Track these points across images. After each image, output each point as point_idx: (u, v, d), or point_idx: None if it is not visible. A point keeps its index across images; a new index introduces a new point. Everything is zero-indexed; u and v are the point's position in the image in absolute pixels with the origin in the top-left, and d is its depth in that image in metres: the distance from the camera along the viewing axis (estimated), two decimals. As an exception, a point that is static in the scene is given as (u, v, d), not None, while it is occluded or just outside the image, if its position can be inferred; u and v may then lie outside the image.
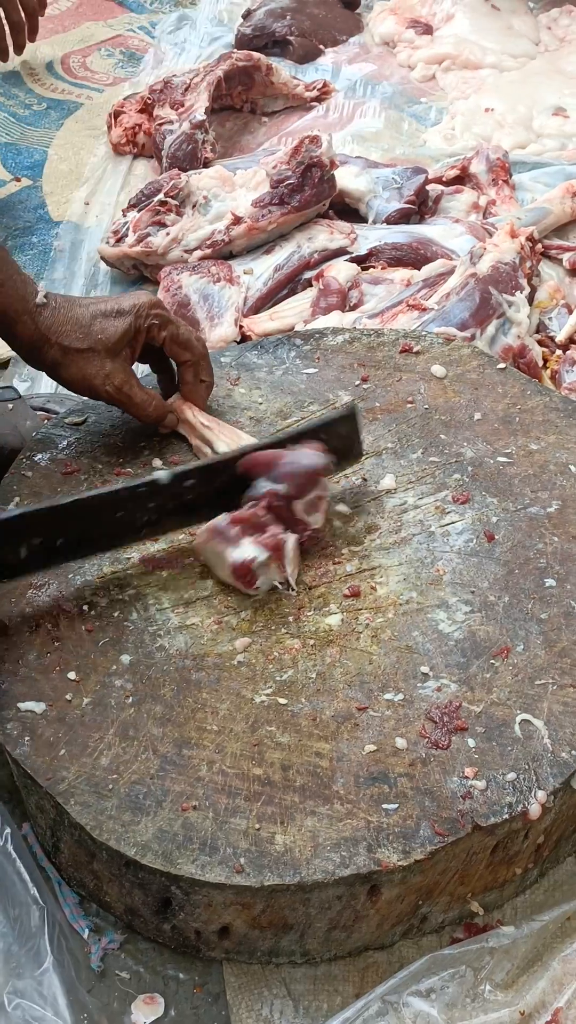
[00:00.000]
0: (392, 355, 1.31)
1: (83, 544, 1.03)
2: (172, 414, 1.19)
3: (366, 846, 0.84)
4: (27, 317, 1.11)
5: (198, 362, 1.19)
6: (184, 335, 1.17)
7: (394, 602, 1.03)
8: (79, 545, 1.03)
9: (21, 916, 0.90)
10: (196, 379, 1.19)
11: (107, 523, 1.03)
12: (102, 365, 1.13)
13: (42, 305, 1.12)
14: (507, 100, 2.05)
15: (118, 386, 1.14)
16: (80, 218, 1.82)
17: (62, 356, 1.12)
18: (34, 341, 1.12)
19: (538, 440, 1.19)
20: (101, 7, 2.46)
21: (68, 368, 1.13)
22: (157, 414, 1.17)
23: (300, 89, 2.10)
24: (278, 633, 1.00)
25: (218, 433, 1.16)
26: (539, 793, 0.88)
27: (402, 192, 1.73)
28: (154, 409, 1.17)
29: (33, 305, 1.11)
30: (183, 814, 0.86)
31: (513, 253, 1.52)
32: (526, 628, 1.00)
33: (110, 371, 1.13)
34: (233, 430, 1.17)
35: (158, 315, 1.15)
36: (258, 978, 0.90)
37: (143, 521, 1.04)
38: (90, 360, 1.13)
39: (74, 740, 0.91)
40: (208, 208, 1.67)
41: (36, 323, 1.11)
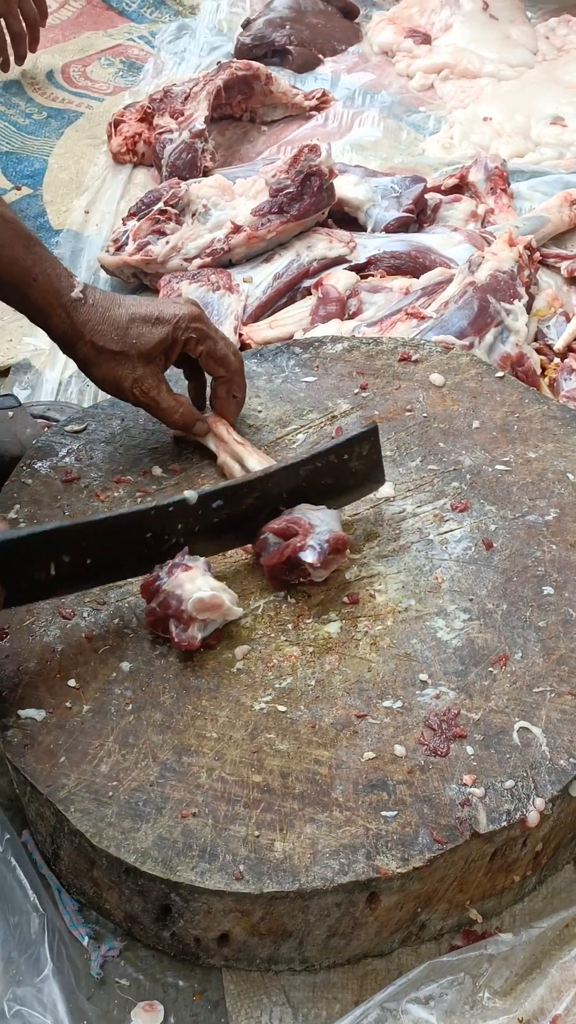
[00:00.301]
0: (391, 363, 1.32)
1: (112, 566, 1.01)
2: (202, 423, 1.18)
3: (365, 853, 0.85)
4: (61, 311, 1.10)
5: (232, 379, 1.18)
6: (221, 351, 1.16)
7: (393, 610, 1.03)
8: (108, 567, 1.01)
9: (21, 923, 0.91)
10: (228, 394, 1.19)
11: (136, 543, 1.01)
12: (133, 369, 1.12)
13: (78, 300, 1.11)
14: (505, 109, 2.05)
15: (146, 390, 1.13)
16: (80, 227, 1.83)
17: (95, 355, 1.12)
18: (68, 336, 1.11)
19: (536, 448, 1.19)
20: (101, 17, 2.47)
21: (100, 367, 1.13)
22: (184, 421, 1.17)
23: (299, 98, 2.11)
24: (277, 640, 1.01)
25: (251, 451, 1.16)
26: (537, 800, 0.88)
27: (401, 201, 1.74)
28: (180, 416, 1.16)
29: (68, 299, 1.10)
30: (183, 821, 0.87)
31: (511, 262, 1.53)
32: (524, 636, 1.00)
33: (140, 375, 1.13)
34: (260, 452, 1.17)
35: (197, 329, 1.14)
36: (257, 985, 0.90)
37: (171, 544, 1.02)
38: (122, 363, 1.12)
39: (74, 747, 0.92)
40: (208, 217, 1.67)
41: (71, 318, 1.10)
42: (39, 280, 1.10)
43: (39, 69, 2.26)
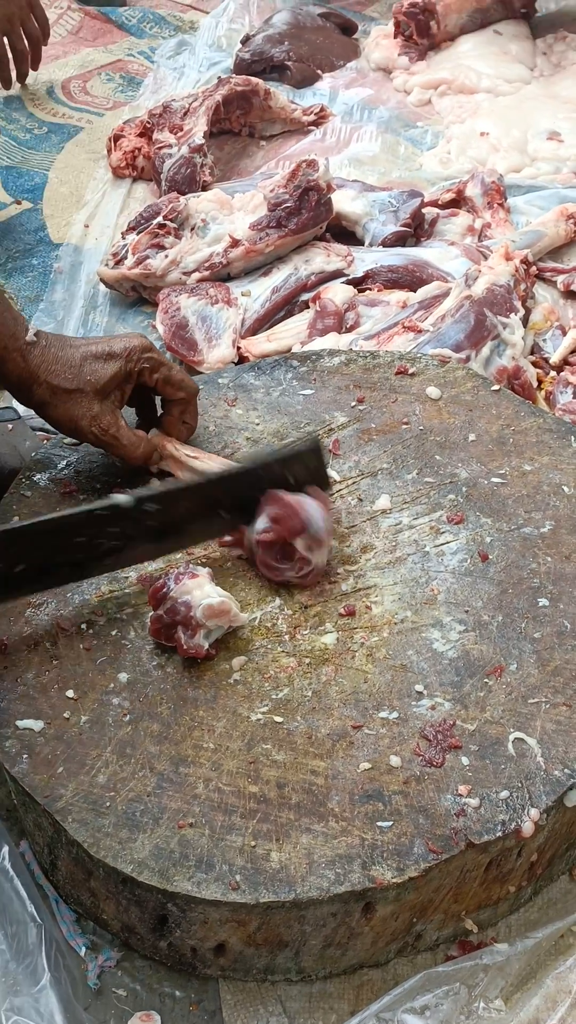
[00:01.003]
0: (388, 377, 1.33)
1: (46, 572, 1.01)
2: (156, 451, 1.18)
3: (360, 863, 0.85)
4: (16, 354, 1.11)
5: (189, 401, 1.19)
6: (177, 377, 1.17)
7: (389, 621, 1.04)
8: (42, 573, 1.01)
9: (18, 933, 0.91)
10: (180, 418, 1.19)
11: (68, 549, 1.01)
12: (89, 407, 1.13)
13: (32, 343, 1.12)
14: (502, 124, 2.07)
15: (104, 427, 1.13)
16: (80, 240, 1.84)
17: (50, 396, 1.12)
18: (23, 379, 1.12)
19: (532, 461, 1.20)
20: (101, 32, 2.49)
21: (56, 408, 1.13)
22: (144, 455, 1.17)
23: (298, 113, 2.12)
24: (274, 652, 1.01)
25: (206, 462, 1.17)
26: (532, 811, 0.88)
27: (398, 215, 1.75)
28: (142, 452, 1.16)
29: (23, 343, 1.11)
30: (179, 831, 0.87)
31: (508, 276, 1.54)
32: (519, 647, 1.01)
33: (97, 413, 1.13)
34: (218, 459, 1.17)
35: (150, 358, 1.15)
36: (254, 995, 0.90)
37: (106, 547, 1.02)
38: (78, 401, 1.12)
39: (72, 758, 0.92)
40: (206, 231, 1.69)
41: (26, 361, 1.11)
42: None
43: (40, 84, 2.27)
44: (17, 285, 1.75)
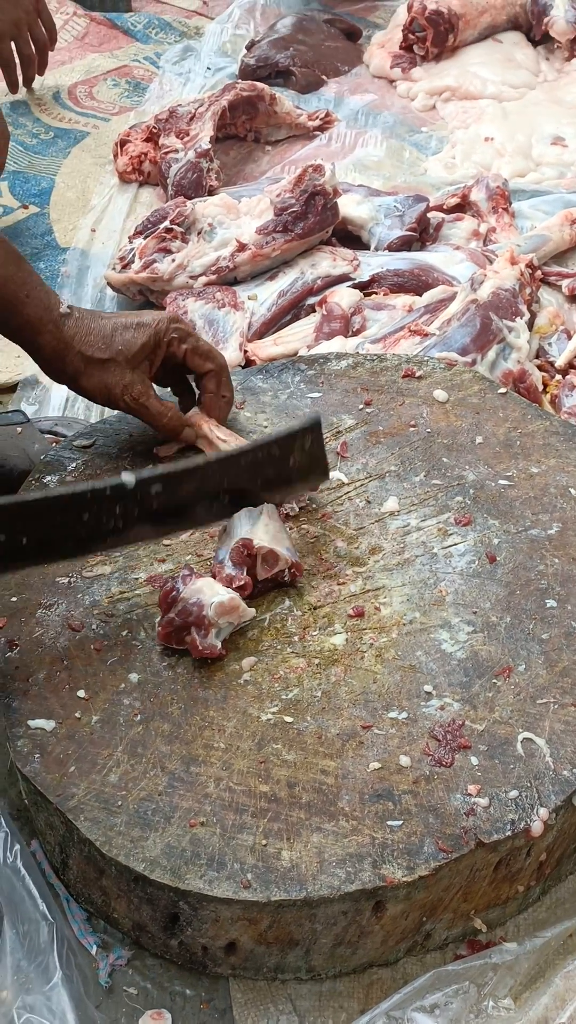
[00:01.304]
0: (395, 380, 1.33)
1: (48, 546, 1.02)
2: (190, 428, 1.21)
3: (371, 862, 0.86)
4: (51, 326, 1.14)
5: (219, 373, 1.22)
6: (204, 347, 1.21)
7: (398, 622, 1.04)
8: (44, 547, 1.01)
9: (30, 932, 0.92)
10: (218, 391, 1.22)
11: (72, 525, 1.01)
12: (122, 375, 1.16)
13: (66, 315, 1.15)
14: (507, 130, 2.08)
15: (135, 396, 1.17)
16: (87, 244, 1.85)
17: (84, 365, 1.15)
18: (57, 350, 1.15)
19: (539, 463, 1.21)
20: (107, 38, 2.50)
21: (90, 377, 1.16)
22: (173, 425, 1.20)
23: (303, 119, 2.13)
24: (284, 652, 1.02)
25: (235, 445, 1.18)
26: (541, 810, 0.89)
27: (403, 220, 1.76)
28: (169, 420, 1.20)
29: (57, 315, 1.14)
30: (191, 830, 0.88)
31: (513, 280, 1.55)
32: (527, 648, 1.02)
33: (129, 381, 1.16)
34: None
35: (178, 328, 1.19)
36: (264, 994, 0.91)
37: (109, 527, 1.03)
38: (110, 370, 1.16)
39: (83, 757, 0.93)
40: (213, 235, 1.69)
41: (60, 332, 1.14)
42: (31, 296, 1.14)
43: (46, 90, 2.28)
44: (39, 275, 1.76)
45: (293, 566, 1.06)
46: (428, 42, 2.27)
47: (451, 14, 2.26)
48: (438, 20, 2.25)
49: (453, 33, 2.27)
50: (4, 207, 1.95)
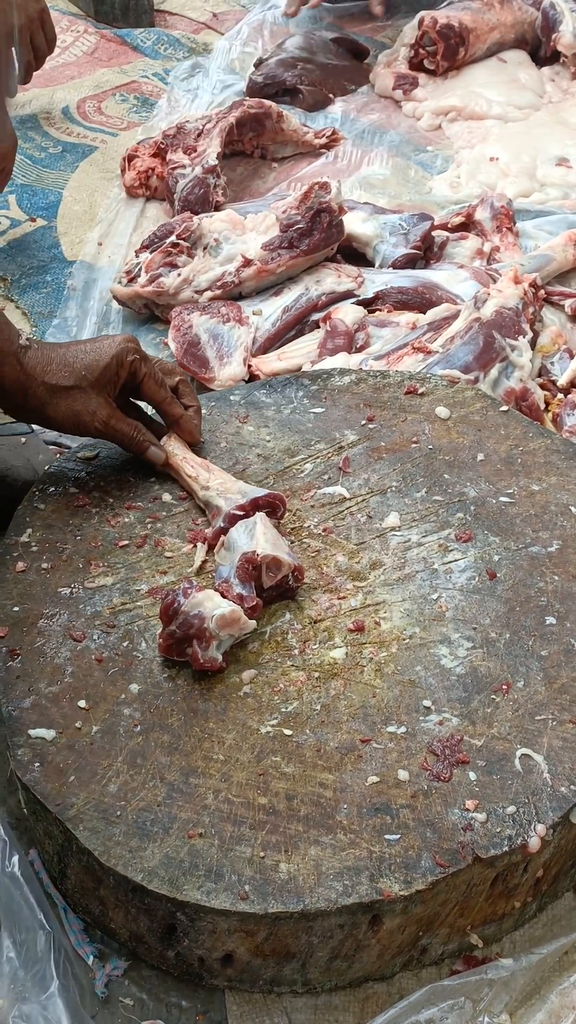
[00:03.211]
0: (397, 396, 1.34)
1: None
2: (156, 449, 1.21)
3: (368, 875, 0.86)
4: (12, 358, 1.14)
5: (181, 384, 1.24)
6: (166, 365, 1.23)
7: (397, 637, 1.05)
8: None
9: (28, 941, 0.92)
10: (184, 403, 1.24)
11: None
12: (88, 401, 1.16)
13: (25, 347, 1.15)
14: (512, 150, 2.09)
15: (105, 420, 1.17)
16: (93, 258, 1.86)
17: (49, 395, 1.15)
18: (19, 382, 1.15)
19: (540, 481, 1.21)
20: (116, 53, 2.52)
21: (56, 407, 1.16)
22: (139, 444, 1.20)
23: (309, 136, 2.15)
24: (283, 665, 1.02)
25: (208, 479, 1.18)
26: (538, 827, 0.89)
27: (408, 238, 1.77)
28: (137, 441, 1.20)
29: (17, 347, 1.14)
30: (189, 841, 0.88)
31: (516, 299, 1.55)
32: (527, 665, 1.02)
33: (96, 407, 1.17)
34: (224, 475, 1.18)
35: (137, 350, 1.20)
36: (260, 1007, 0.91)
37: None
38: (76, 397, 1.16)
39: (83, 767, 0.93)
40: (219, 250, 1.71)
41: (21, 364, 1.14)
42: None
43: (55, 104, 2.30)
44: (31, 301, 1.77)
45: (296, 570, 1.07)
46: (438, 56, 2.28)
47: (462, 28, 2.27)
48: (449, 34, 2.27)
49: (464, 47, 2.29)
50: (12, 220, 1.97)
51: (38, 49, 2.08)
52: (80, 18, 2.63)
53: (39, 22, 2.03)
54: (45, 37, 2.07)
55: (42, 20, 2.04)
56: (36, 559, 1.12)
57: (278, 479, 1.22)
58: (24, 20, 2.02)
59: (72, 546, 1.14)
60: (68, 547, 1.14)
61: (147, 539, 1.15)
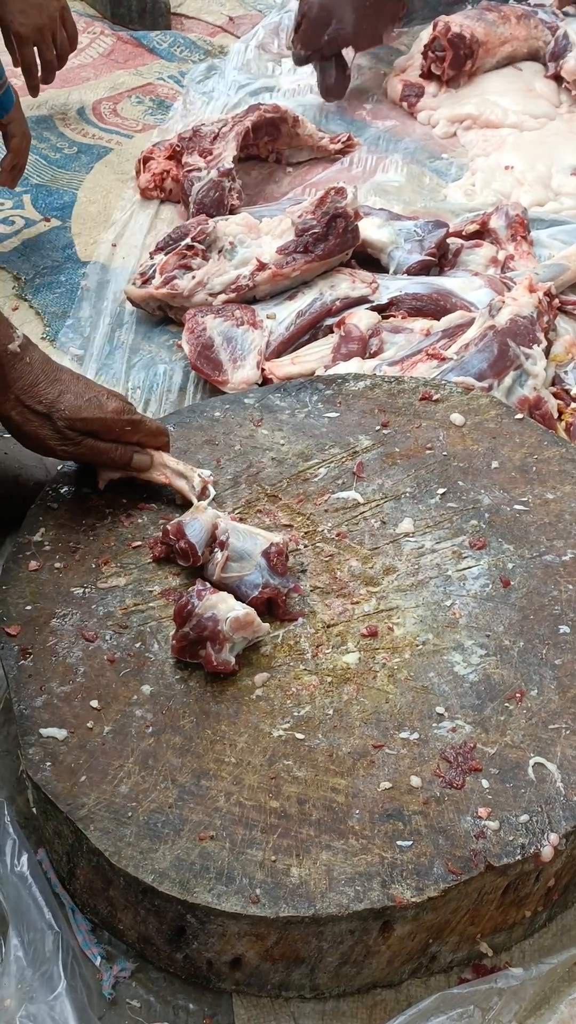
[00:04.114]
0: (412, 402, 1.34)
1: None
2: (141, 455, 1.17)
3: (380, 882, 0.86)
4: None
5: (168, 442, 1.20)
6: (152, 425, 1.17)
7: (411, 643, 1.04)
8: None
9: (35, 941, 0.91)
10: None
11: None
12: (54, 432, 1.12)
13: (15, 355, 1.10)
14: (527, 159, 2.09)
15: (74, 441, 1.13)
16: (107, 259, 1.86)
17: (18, 412, 1.11)
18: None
19: (554, 490, 1.21)
20: (132, 55, 2.52)
21: (24, 425, 1.12)
22: (124, 455, 1.16)
23: (325, 141, 2.15)
24: (296, 669, 1.02)
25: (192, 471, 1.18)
26: (552, 836, 0.89)
27: (423, 244, 1.77)
28: (119, 455, 1.16)
29: (4, 350, 1.09)
30: (200, 843, 0.88)
31: (531, 307, 1.55)
32: (540, 673, 1.02)
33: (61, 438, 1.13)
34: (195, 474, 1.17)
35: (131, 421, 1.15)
36: (267, 1011, 0.90)
37: None
38: (44, 424, 1.12)
39: (95, 767, 0.93)
40: (234, 254, 1.71)
41: (3, 370, 1.09)
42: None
43: (71, 105, 2.30)
44: (44, 301, 1.77)
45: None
46: (446, 63, 2.28)
47: (473, 40, 2.27)
48: (459, 44, 2.26)
49: (472, 59, 2.29)
50: (26, 219, 1.97)
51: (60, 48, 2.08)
52: (97, 20, 2.63)
53: (60, 20, 2.03)
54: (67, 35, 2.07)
55: (63, 18, 2.04)
56: (49, 558, 1.12)
57: (292, 483, 1.22)
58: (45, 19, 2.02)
59: (85, 546, 1.14)
60: (81, 547, 1.14)
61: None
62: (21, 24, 1.96)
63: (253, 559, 1.07)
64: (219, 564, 1.07)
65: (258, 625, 1.01)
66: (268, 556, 1.06)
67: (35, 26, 2.01)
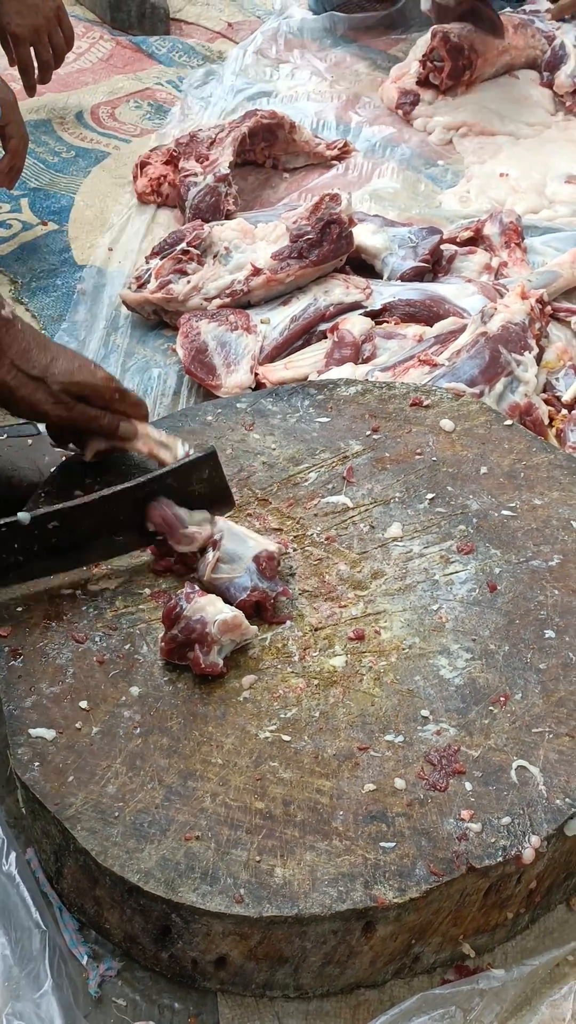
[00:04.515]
0: (403, 408, 1.35)
1: None
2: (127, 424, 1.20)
3: (363, 882, 0.87)
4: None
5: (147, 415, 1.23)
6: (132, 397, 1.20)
7: (397, 646, 1.05)
8: None
9: (22, 939, 0.92)
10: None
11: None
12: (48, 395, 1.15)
13: (8, 320, 1.13)
14: (522, 166, 2.11)
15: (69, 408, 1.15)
16: (103, 263, 1.88)
17: (13, 376, 1.13)
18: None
19: (542, 496, 1.22)
20: (131, 60, 2.53)
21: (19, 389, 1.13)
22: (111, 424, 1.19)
23: (321, 147, 2.16)
24: (283, 672, 1.03)
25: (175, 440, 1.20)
26: (533, 838, 0.90)
27: (417, 251, 1.78)
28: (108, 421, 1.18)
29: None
30: (186, 844, 0.89)
31: (523, 314, 1.56)
32: (525, 677, 1.03)
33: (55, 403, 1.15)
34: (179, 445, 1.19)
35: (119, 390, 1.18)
36: (251, 1010, 0.91)
37: (9, 562, 1.06)
38: (39, 388, 1.14)
39: (82, 767, 0.94)
40: (229, 258, 1.72)
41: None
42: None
43: (69, 109, 2.32)
44: (40, 304, 1.78)
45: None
46: (444, 73, 2.29)
47: (471, 51, 2.28)
48: (457, 55, 2.28)
49: (470, 70, 2.30)
50: (23, 223, 1.98)
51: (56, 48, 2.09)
52: (96, 25, 2.65)
53: (56, 20, 2.04)
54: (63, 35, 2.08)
55: (59, 18, 2.05)
56: (40, 560, 1.13)
57: (282, 487, 1.23)
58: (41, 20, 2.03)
59: None
60: (72, 549, 1.15)
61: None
62: (17, 24, 1.97)
63: (244, 562, 1.08)
64: (210, 565, 1.08)
65: (246, 628, 1.02)
66: (258, 561, 1.07)
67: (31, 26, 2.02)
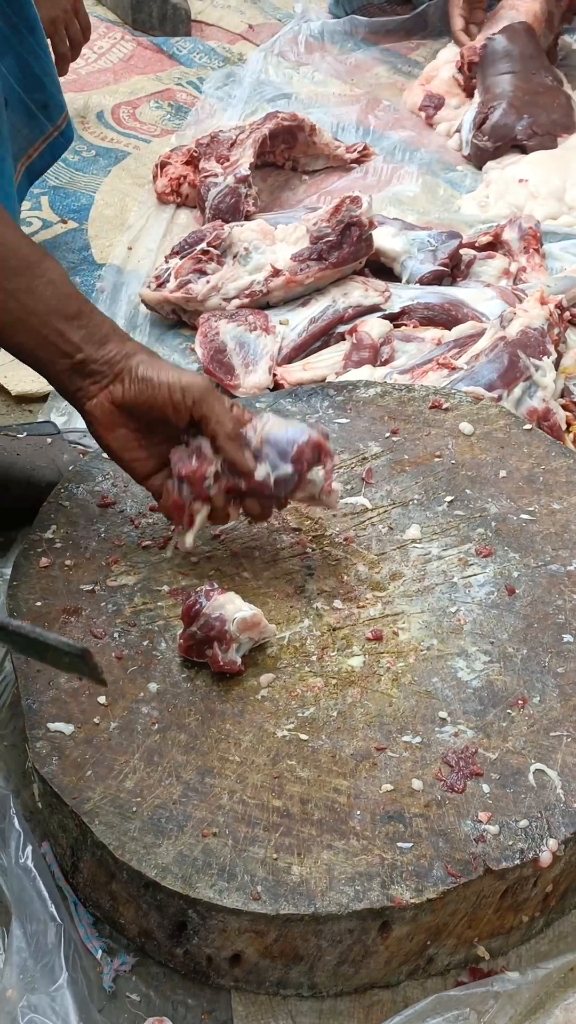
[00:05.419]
0: (422, 410, 1.35)
1: None
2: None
3: (380, 882, 0.87)
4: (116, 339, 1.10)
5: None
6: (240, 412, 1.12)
7: (415, 648, 1.06)
8: None
9: (38, 932, 0.93)
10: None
11: None
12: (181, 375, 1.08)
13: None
14: (541, 172, 2.11)
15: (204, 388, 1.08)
16: (123, 262, 1.88)
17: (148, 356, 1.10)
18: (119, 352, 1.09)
19: (561, 500, 1.22)
20: (152, 61, 2.54)
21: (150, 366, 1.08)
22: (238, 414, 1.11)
23: (341, 150, 2.17)
24: (302, 671, 1.03)
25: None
26: (550, 841, 0.90)
27: (436, 255, 1.78)
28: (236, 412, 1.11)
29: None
30: (203, 840, 0.89)
31: (542, 319, 1.57)
32: (543, 681, 1.03)
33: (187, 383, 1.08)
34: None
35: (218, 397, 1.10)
36: (265, 1008, 0.91)
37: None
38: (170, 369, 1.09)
39: (100, 762, 0.94)
40: (248, 259, 1.72)
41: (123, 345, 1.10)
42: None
43: (90, 109, 2.32)
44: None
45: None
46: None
47: None
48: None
49: None
50: (43, 221, 1.99)
51: (73, 39, 2.09)
52: (118, 25, 2.65)
53: (72, 12, 2.05)
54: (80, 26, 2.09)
55: (75, 9, 2.06)
56: (60, 555, 1.14)
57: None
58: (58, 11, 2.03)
59: (96, 544, 1.15)
60: (92, 545, 1.15)
61: (169, 540, 1.16)
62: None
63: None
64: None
65: (264, 626, 1.03)
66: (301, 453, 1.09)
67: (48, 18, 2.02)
